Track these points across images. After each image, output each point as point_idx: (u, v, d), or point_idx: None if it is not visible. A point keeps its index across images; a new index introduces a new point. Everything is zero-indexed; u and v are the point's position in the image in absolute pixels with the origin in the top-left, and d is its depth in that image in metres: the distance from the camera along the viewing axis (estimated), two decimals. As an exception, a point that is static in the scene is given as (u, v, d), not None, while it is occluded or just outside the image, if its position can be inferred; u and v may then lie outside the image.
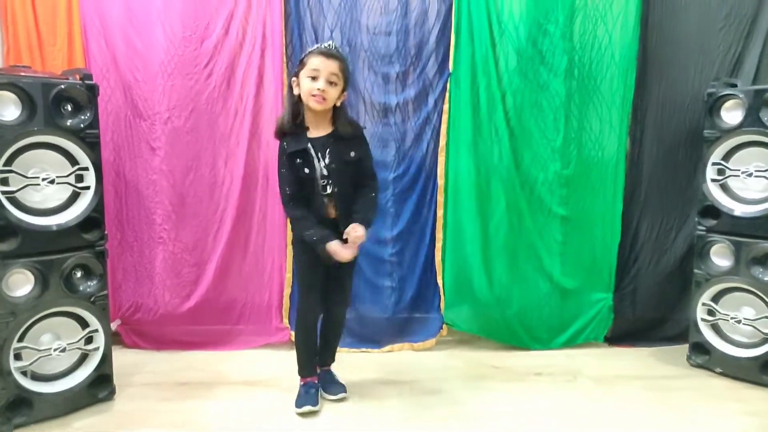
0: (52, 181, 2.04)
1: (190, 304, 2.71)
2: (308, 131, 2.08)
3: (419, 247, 2.78)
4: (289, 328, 2.75)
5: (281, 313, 2.77)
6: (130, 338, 2.74)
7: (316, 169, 2.05)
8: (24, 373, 2.03)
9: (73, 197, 2.11)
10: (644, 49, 2.73)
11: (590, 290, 2.85)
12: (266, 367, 2.57)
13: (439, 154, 2.74)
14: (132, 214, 2.70)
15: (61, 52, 2.59)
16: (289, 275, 2.74)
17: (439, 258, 2.80)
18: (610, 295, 2.86)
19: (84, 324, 2.16)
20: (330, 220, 2.10)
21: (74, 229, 2.08)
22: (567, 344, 2.85)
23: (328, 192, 2.08)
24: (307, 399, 2.16)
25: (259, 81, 2.64)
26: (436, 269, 2.81)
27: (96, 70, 2.57)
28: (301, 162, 2.05)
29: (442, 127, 2.72)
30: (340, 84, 2.04)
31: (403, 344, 2.79)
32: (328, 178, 2.07)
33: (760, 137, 2.38)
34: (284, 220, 2.70)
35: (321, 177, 2.06)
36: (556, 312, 2.83)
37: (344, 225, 2.06)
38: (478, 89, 2.68)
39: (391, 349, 2.77)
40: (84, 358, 2.18)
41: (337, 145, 2.07)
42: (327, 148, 2.06)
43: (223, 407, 2.21)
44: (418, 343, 2.79)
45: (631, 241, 2.85)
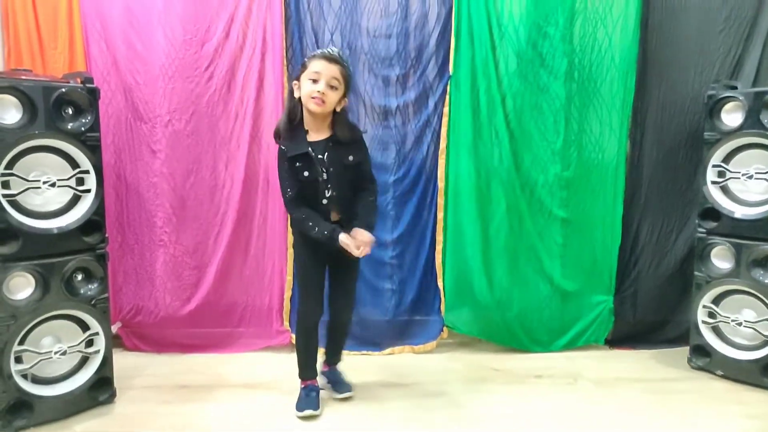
0: (53, 185, 2.04)
1: (190, 306, 2.71)
2: (308, 135, 2.08)
3: (419, 250, 2.78)
4: (290, 331, 2.75)
5: (282, 315, 2.77)
6: (131, 341, 2.74)
7: (317, 173, 2.06)
8: (24, 376, 2.03)
9: (74, 200, 2.11)
10: (644, 52, 2.74)
11: (591, 293, 2.85)
12: (267, 370, 2.57)
13: (439, 157, 2.74)
14: (133, 216, 2.70)
15: (62, 55, 2.59)
16: (289, 278, 2.74)
17: (440, 260, 2.80)
18: (611, 298, 2.86)
19: (85, 327, 2.16)
20: (333, 222, 2.10)
21: (75, 232, 2.09)
22: (567, 347, 2.85)
23: (327, 196, 2.08)
24: (308, 402, 2.16)
25: (260, 84, 2.65)
26: (436, 272, 2.81)
27: (97, 73, 2.58)
28: (302, 165, 2.05)
29: (443, 130, 2.72)
30: (341, 89, 2.04)
31: (403, 347, 2.79)
32: (327, 182, 2.07)
33: (760, 139, 2.38)
34: (285, 223, 2.70)
35: (321, 181, 2.07)
36: (557, 314, 2.83)
37: (347, 227, 2.07)
38: (478, 92, 2.68)
39: (391, 351, 2.77)
40: (84, 361, 2.18)
41: (335, 149, 2.07)
42: (326, 152, 2.06)
43: (224, 410, 2.21)
44: (419, 346, 2.79)
45: (632, 243, 2.85)
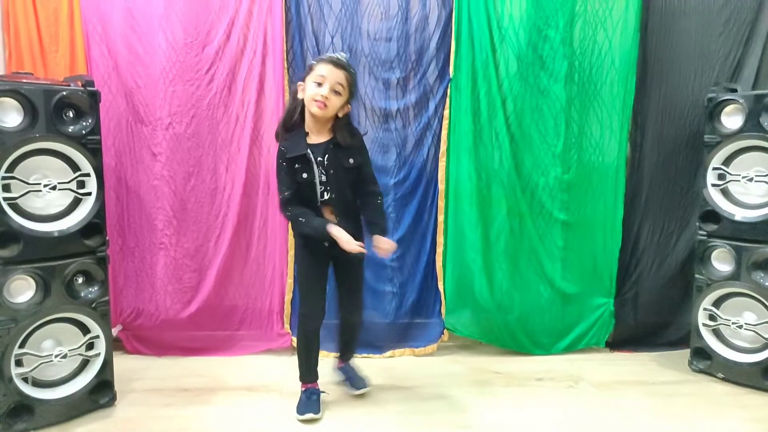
0: (54, 188, 2.04)
1: (191, 309, 2.71)
2: (308, 137, 2.09)
3: (420, 253, 2.78)
4: (291, 334, 2.75)
5: (283, 318, 2.77)
6: (131, 344, 2.74)
7: (315, 175, 2.06)
8: (25, 380, 2.03)
9: (75, 203, 2.11)
10: (644, 54, 2.74)
11: (591, 295, 2.85)
12: (267, 373, 2.56)
13: (439, 160, 2.74)
14: (133, 219, 2.70)
15: (63, 59, 2.59)
16: (290, 281, 2.74)
17: (440, 263, 2.80)
18: (612, 300, 2.86)
19: (85, 330, 2.16)
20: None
21: (76, 235, 2.08)
22: (568, 349, 2.85)
23: (325, 198, 2.09)
24: (309, 406, 2.16)
25: (260, 87, 2.65)
26: (437, 274, 2.81)
27: (98, 76, 2.58)
28: (300, 167, 2.06)
29: (443, 133, 2.73)
30: (344, 95, 2.05)
31: (404, 349, 2.79)
32: (326, 185, 2.08)
33: (760, 142, 2.38)
34: (285, 226, 2.70)
35: (319, 183, 2.07)
36: (558, 317, 2.83)
37: (345, 230, 2.06)
38: (478, 94, 2.69)
39: (392, 354, 2.77)
40: (85, 364, 2.18)
41: (336, 152, 2.08)
42: (326, 155, 2.07)
43: (224, 413, 2.21)
44: (420, 349, 2.79)
45: (632, 246, 2.85)
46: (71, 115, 2.06)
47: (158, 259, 2.69)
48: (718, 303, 2.55)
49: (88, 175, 2.12)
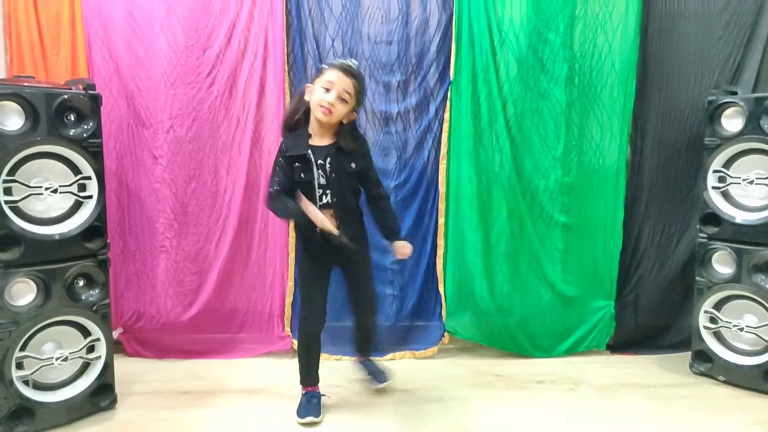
0: (55, 191, 2.04)
1: (192, 312, 2.71)
2: (310, 138, 2.09)
3: (421, 255, 2.78)
4: (291, 337, 2.75)
5: (283, 321, 2.77)
6: (132, 347, 2.74)
7: (313, 176, 2.06)
8: (26, 383, 2.03)
9: (76, 206, 2.12)
10: (644, 58, 2.74)
11: (592, 298, 2.85)
12: (268, 376, 2.56)
13: (440, 162, 2.74)
14: (134, 222, 2.70)
15: (65, 62, 2.60)
16: (290, 283, 2.74)
17: (441, 266, 2.80)
18: (612, 303, 2.85)
19: (86, 333, 2.16)
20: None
21: (77, 238, 2.09)
22: (569, 352, 2.84)
23: (324, 202, 2.08)
24: (309, 409, 2.16)
25: (261, 90, 2.65)
26: (437, 277, 2.81)
27: (99, 79, 2.58)
28: (299, 166, 2.06)
29: (443, 136, 2.73)
30: (351, 103, 2.06)
31: (404, 352, 2.78)
32: (327, 188, 2.08)
33: (760, 145, 2.38)
34: (286, 229, 2.71)
35: (318, 186, 2.07)
36: (558, 320, 2.83)
37: (346, 234, 2.08)
38: (479, 97, 2.69)
39: (392, 357, 2.77)
40: (86, 367, 2.18)
41: (338, 157, 2.08)
42: (328, 158, 2.07)
43: (225, 416, 2.21)
44: (420, 351, 2.79)
45: (633, 248, 2.85)
46: (72, 119, 2.07)
47: (159, 262, 2.69)
48: (718, 305, 2.55)
49: (89, 178, 2.12)
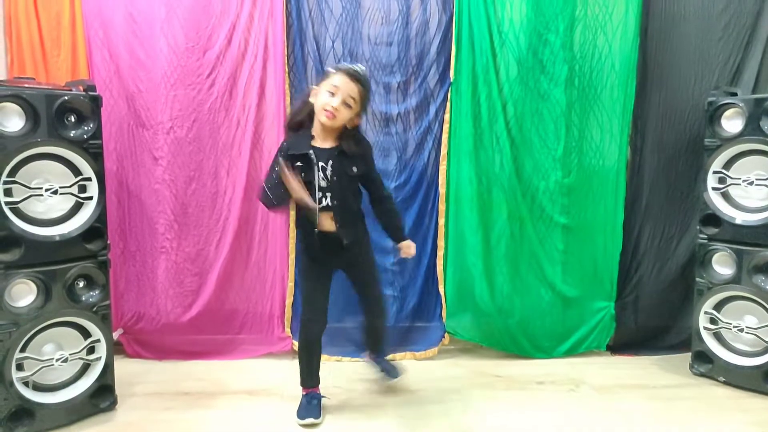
0: (55, 192, 2.04)
1: (192, 313, 2.71)
2: (313, 139, 2.09)
3: (421, 256, 2.77)
4: (292, 338, 2.75)
5: (283, 322, 2.77)
6: (132, 348, 2.74)
7: (314, 176, 2.06)
8: (26, 384, 2.03)
9: (76, 207, 2.12)
10: (644, 59, 2.75)
11: (592, 299, 2.85)
12: (268, 377, 2.56)
13: (440, 164, 2.75)
14: (134, 223, 2.70)
15: (65, 63, 2.60)
16: (291, 284, 2.74)
17: (441, 267, 2.80)
18: (612, 304, 2.85)
19: (86, 334, 2.16)
20: (328, 234, 2.10)
21: (77, 240, 2.09)
22: (569, 353, 2.84)
23: (324, 204, 2.07)
24: (309, 410, 2.16)
25: (261, 91, 2.65)
26: (437, 278, 2.81)
27: (99, 80, 2.58)
28: (301, 166, 2.05)
29: (444, 137, 2.73)
30: (355, 108, 2.06)
31: (405, 353, 2.78)
32: (327, 191, 2.07)
33: (760, 146, 2.39)
34: (286, 230, 2.71)
35: (318, 188, 2.06)
36: (558, 321, 2.83)
37: (346, 237, 2.08)
38: (479, 98, 2.69)
39: (393, 358, 2.75)
40: (86, 368, 2.18)
41: (340, 160, 2.07)
42: (330, 161, 2.06)
43: (225, 417, 2.21)
44: (420, 352, 2.78)
45: (633, 249, 2.85)
46: (73, 120, 2.07)
47: (159, 263, 2.69)
48: (719, 306, 2.55)
49: (89, 179, 2.12)
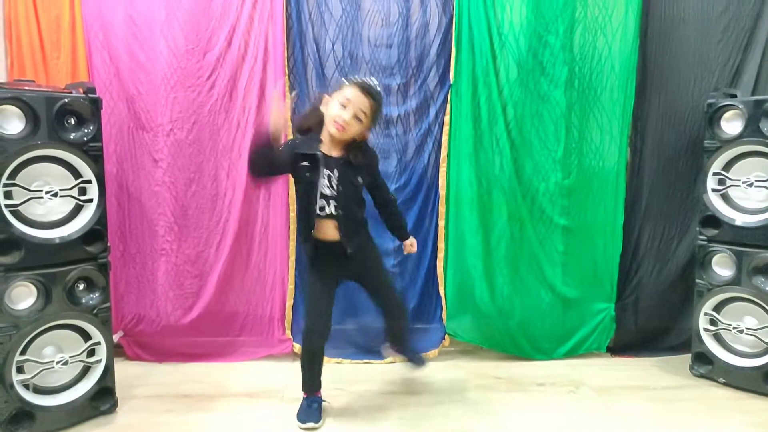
0: (56, 194, 2.04)
1: (192, 315, 2.70)
2: (321, 144, 2.08)
3: (421, 258, 2.78)
4: (292, 340, 2.75)
5: (284, 324, 2.77)
6: (132, 350, 2.73)
7: (318, 178, 2.05)
8: (26, 386, 2.03)
9: (76, 210, 2.11)
10: (644, 60, 2.75)
11: (592, 300, 2.85)
12: (268, 379, 2.56)
13: (440, 165, 2.75)
14: (135, 225, 2.70)
15: (65, 65, 2.60)
16: (291, 286, 2.74)
17: (441, 268, 2.80)
18: (612, 305, 2.86)
19: (86, 336, 2.16)
20: (331, 243, 2.10)
21: (77, 242, 2.08)
22: (569, 354, 2.84)
23: (327, 213, 2.07)
24: (309, 414, 2.16)
25: (261, 93, 2.65)
26: (438, 280, 2.81)
27: (99, 83, 2.58)
28: (307, 166, 2.05)
29: (444, 139, 2.73)
30: (366, 122, 2.06)
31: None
32: (331, 199, 2.07)
33: (760, 147, 2.39)
34: (286, 232, 2.71)
35: (321, 195, 2.06)
36: (559, 322, 2.83)
37: (350, 246, 2.09)
38: (479, 100, 2.69)
39: (393, 360, 2.77)
40: (86, 370, 2.17)
41: (345, 170, 2.07)
42: (335, 170, 2.06)
43: (225, 419, 2.21)
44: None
45: (633, 250, 2.86)
46: (73, 122, 2.07)
47: (159, 265, 2.69)
48: (718, 308, 2.56)
49: (89, 181, 2.12)
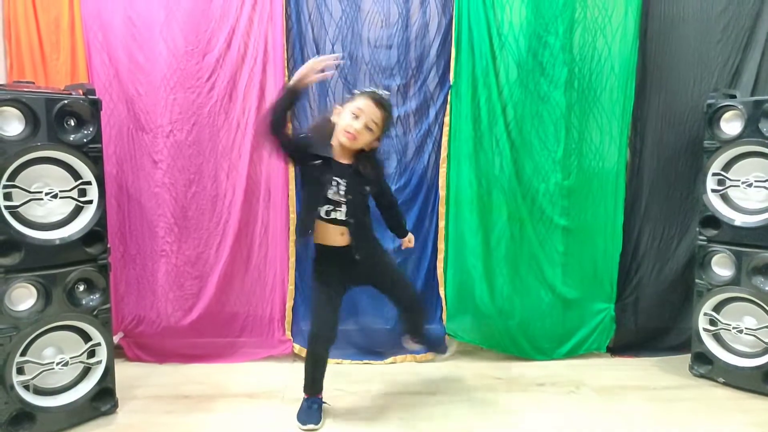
0: (55, 196, 2.04)
1: (192, 316, 2.70)
2: (332, 149, 2.10)
3: (421, 259, 2.78)
4: (292, 341, 2.75)
5: (284, 325, 2.77)
6: (133, 351, 2.73)
7: (330, 178, 2.07)
8: (26, 387, 2.03)
9: (76, 211, 2.12)
10: (643, 61, 2.75)
11: (592, 300, 2.85)
12: (268, 380, 2.56)
13: (440, 166, 2.75)
14: (134, 227, 2.70)
15: (65, 67, 2.60)
16: (291, 287, 2.74)
17: (441, 269, 2.80)
18: (612, 306, 2.86)
19: (87, 338, 2.16)
20: (339, 249, 2.12)
21: (77, 243, 2.08)
22: (569, 355, 2.85)
23: (334, 218, 2.09)
24: (310, 415, 2.16)
25: (261, 94, 2.65)
26: (438, 280, 2.81)
27: (99, 84, 2.58)
28: (319, 165, 2.06)
29: (443, 139, 2.73)
30: (376, 133, 2.09)
31: (405, 356, 2.78)
32: (339, 205, 2.08)
33: (759, 148, 2.39)
34: (286, 233, 2.71)
35: (327, 200, 2.07)
36: (559, 322, 2.83)
37: (359, 253, 2.11)
38: (479, 101, 2.70)
39: (393, 360, 2.77)
40: (86, 371, 2.17)
41: (354, 179, 2.10)
42: (344, 178, 2.09)
43: (226, 420, 2.21)
44: (421, 355, 2.78)
45: (633, 251, 2.86)
46: (72, 124, 2.07)
47: (159, 266, 2.69)
48: (718, 308, 2.56)
49: (89, 183, 2.12)
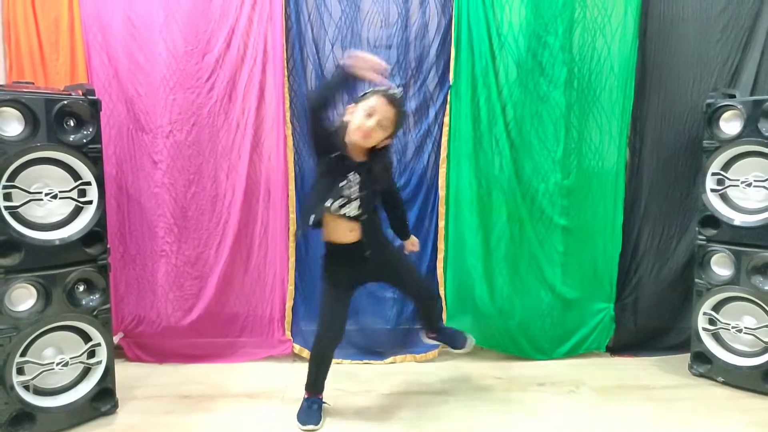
0: (55, 196, 2.04)
1: (192, 316, 2.70)
2: (346, 147, 2.11)
3: (421, 259, 2.78)
4: (292, 341, 2.75)
5: (284, 325, 2.77)
6: (133, 351, 2.73)
7: (345, 174, 2.07)
8: (26, 388, 2.03)
9: (76, 212, 2.12)
10: (643, 61, 2.75)
11: (592, 300, 2.86)
12: (268, 380, 2.56)
13: (440, 166, 2.75)
14: (134, 227, 2.70)
15: (64, 67, 2.60)
16: (291, 287, 2.74)
17: (441, 269, 2.80)
18: (612, 305, 2.86)
19: (86, 338, 2.16)
20: (349, 245, 2.13)
21: (77, 244, 2.09)
22: (569, 354, 2.85)
23: (345, 213, 2.09)
24: (309, 415, 2.16)
25: (261, 95, 2.66)
26: (438, 280, 2.81)
27: (98, 84, 2.58)
28: (335, 158, 2.06)
29: (443, 139, 2.73)
30: (389, 131, 2.09)
31: (405, 356, 2.78)
32: (350, 201, 2.08)
33: (759, 147, 2.39)
34: (286, 233, 2.71)
35: (341, 195, 2.07)
36: (558, 322, 2.83)
37: (369, 248, 2.13)
38: (478, 101, 2.70)
39: (393, 360, 2.77)
40: (86, 372, 2.18)
41: (367, 176, 2.10)
42: (357, 175, 2.09)
43: (226, 420, 2.21)
44: (421, 355, 2.79)
45: (632, 250, 2.86)
46: (72, 124, 2.07)
47: (159, 266, 2.69)
48: (717, 307, 2.56)
49: (89, 183, 2.12)
